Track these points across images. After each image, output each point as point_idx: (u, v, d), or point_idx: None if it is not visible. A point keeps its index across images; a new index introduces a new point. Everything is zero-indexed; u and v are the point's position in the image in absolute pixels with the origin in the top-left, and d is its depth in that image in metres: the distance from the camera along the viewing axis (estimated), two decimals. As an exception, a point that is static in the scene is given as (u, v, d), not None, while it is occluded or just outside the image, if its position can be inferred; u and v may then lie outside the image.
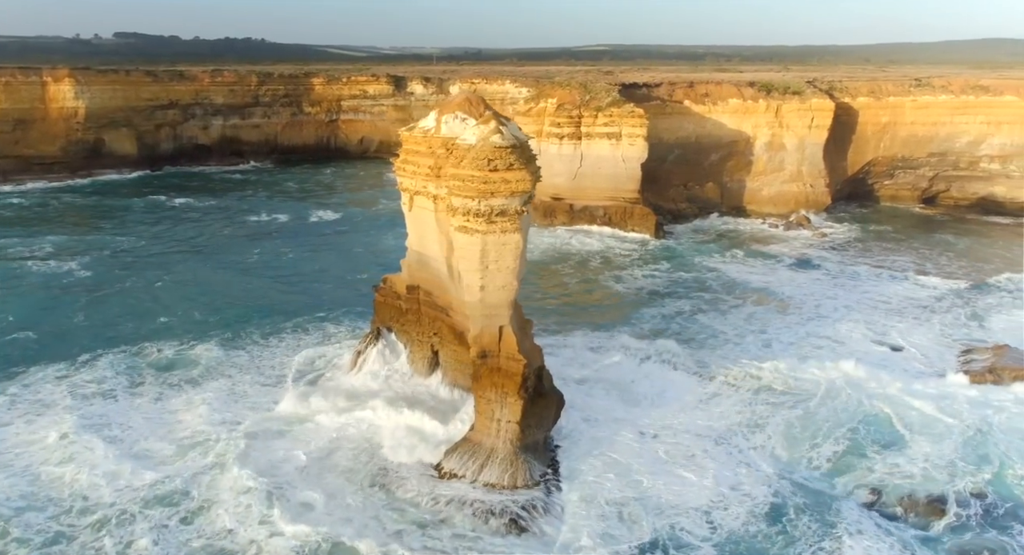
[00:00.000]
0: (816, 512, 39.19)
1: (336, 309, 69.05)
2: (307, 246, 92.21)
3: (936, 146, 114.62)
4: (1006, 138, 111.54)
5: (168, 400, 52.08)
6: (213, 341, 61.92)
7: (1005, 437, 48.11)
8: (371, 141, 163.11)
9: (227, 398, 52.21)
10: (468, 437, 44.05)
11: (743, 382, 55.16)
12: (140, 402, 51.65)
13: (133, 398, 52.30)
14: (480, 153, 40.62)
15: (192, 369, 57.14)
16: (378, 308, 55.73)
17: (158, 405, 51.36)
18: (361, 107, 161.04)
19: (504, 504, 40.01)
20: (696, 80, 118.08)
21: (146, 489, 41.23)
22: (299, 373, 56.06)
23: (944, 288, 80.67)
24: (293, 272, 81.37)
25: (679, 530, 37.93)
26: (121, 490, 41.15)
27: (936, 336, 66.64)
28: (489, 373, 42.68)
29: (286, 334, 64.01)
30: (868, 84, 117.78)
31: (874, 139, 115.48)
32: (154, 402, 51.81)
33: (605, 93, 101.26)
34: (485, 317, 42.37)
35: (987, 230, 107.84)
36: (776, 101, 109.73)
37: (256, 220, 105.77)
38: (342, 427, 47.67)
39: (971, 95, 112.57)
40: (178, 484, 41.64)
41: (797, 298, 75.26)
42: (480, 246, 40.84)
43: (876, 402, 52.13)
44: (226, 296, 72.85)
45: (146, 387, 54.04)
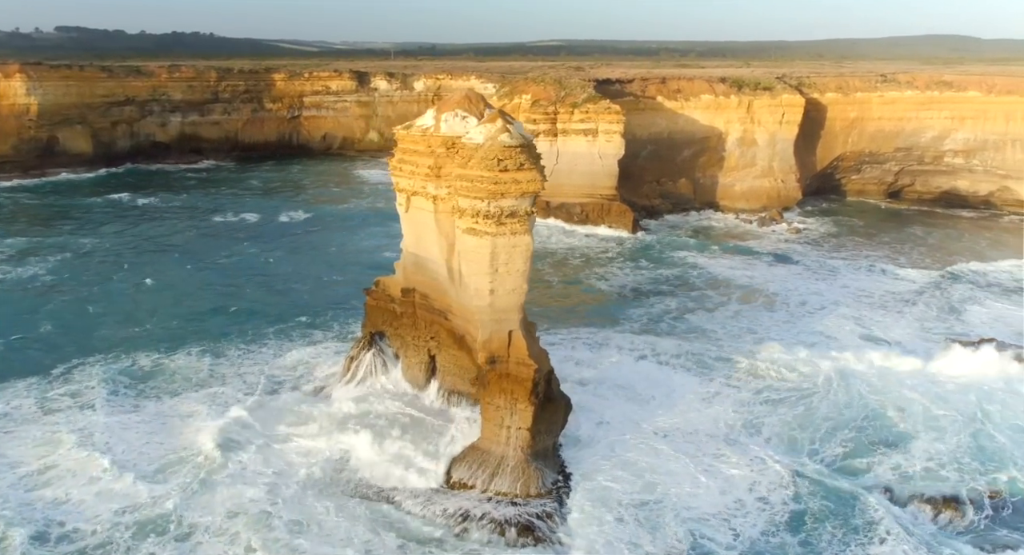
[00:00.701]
0: (837, 519, 38.59)
1: (320, 312, 67.12)
2: (280, 247, 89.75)
3: (902, 141, 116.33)
4: (969, 133, 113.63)
5: (148, 413, 49.42)
6: (193, 349, 59.50)
7: (1005, 427, 48.54)
8: (334, 138, 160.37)
9: (209, 411, 49.58)
10: (476, 445, 42.77)
11: (742, 381, 54.83)
12: (119, 418, 48.61)
13: (112, 412, 49.40)
14: (489, 153, 39.31)
15: (172, 380, 54.55)
16: (370, 312, 54.03)
17: (138, 419, 48.60)
18: (324, 103, 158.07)
19: (518, 514, 38.87)
20: (668, 76, 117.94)
21: (129, 513, 38.81)
22: (275, 383, 53.93)
23: (920, 281, 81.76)
24: (270, 274, 78.97)
25: (700, 537, 37.20)
26: (100, 516, 38.67)
27: (918, 331, 67.29)
28: (498, 379, 41.42)
29: (269, 339, 61.93)
30: (836, 80, 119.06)
31: (842, 134, 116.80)
32: (134, 415, 49.09)
33: (580, 89, 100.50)
34: (494, 322, 41.11)
35: (952, 223, 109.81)
36: (747, 97, 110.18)
37: (224, 220, 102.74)
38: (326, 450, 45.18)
39: (936, 91, 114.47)
40: (164, 508, 39.04)
41: (782, 294, 75.38)
42: (489, 249, 39.56)
43: (876, 396, 52.37)
44: (202, 301, 70.32)
45: (125, 400, 51.27)
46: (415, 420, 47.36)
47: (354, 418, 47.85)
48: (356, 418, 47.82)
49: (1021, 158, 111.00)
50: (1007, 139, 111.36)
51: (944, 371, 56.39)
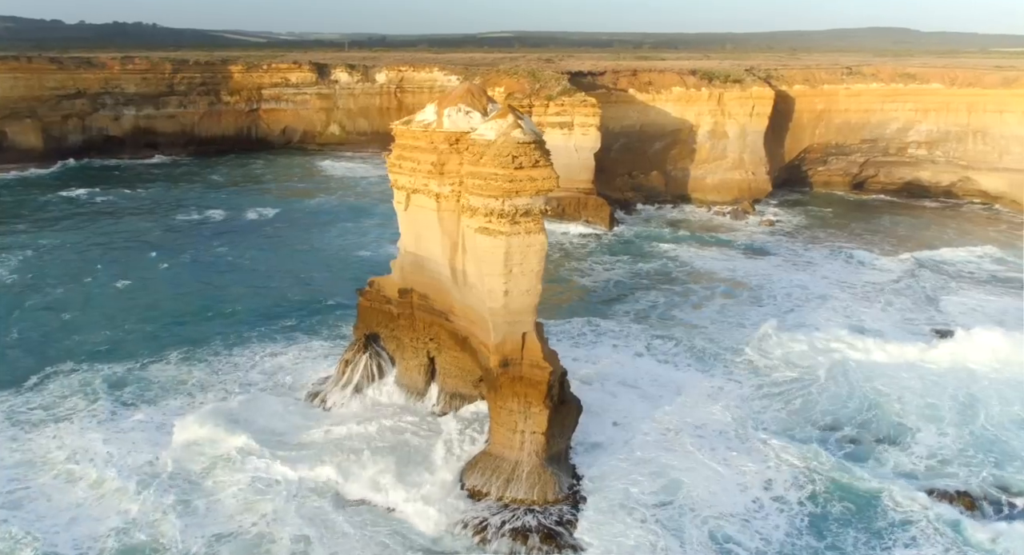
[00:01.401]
0: (859, 521, 38.31)
1: (304, 313, 65.25)
2: (253, 245, 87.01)
3: (868, 132, 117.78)
4: (932, 124, 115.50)
5: (129, 426, 46.92)
6: (174, 354, 57.23)
7: (1002, 418, 49.11)
8: (294, 131, 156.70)
9: (194, 423, 46.40)
10: (488, 451, 41.62)
11: (743, 375, 54.74)
12: (99, 433, 46.02)
13: (90, 426, 46.93)
14: (502, 149, 38.01)
15: (154, 388, 52.10)
16: (363, 313, 52.36)
17: (116, 432, 46.16)
18: (283, 96, 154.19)
19: (538, 520, 37.89)
20: (638, 68, 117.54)
21: (111, 539, 36.83)
22: (262, 391, 51.88)
23: (895, 270, 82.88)
24: (246, 274, 76.39)
25: (725, 541, 36.61)
26: (79, 541, 36.65)
27: (900, 321, 67.91)
28: (511, 382, 40.27)
29: (253, 342, 59.91)
30: (803, 72, 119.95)
31: (810, 126, 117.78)
32: (113, 428, 46.58)
33: (555, 82, 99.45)
34: (508, 324, 39.89)
35: (917, 213, 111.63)
36: (718, 89, 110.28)
37: (189, 218, 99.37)
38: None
39: (900, 83, 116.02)
40: (147, 535, 37.02)
41: (766, 287, 75.55)
42: (504, 248, 38.28)
43: (874, 388, 52.73)
44: (179, 303, 67.65)
45: (103, 412, 48.73)
46: (400, 444, 44.81)
47: (338, 442, 45.15)
48: (339, 442, 45.13)
49: (982, 149, 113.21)
50: (968, 131, 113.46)
51: (936, 362, 56.92)
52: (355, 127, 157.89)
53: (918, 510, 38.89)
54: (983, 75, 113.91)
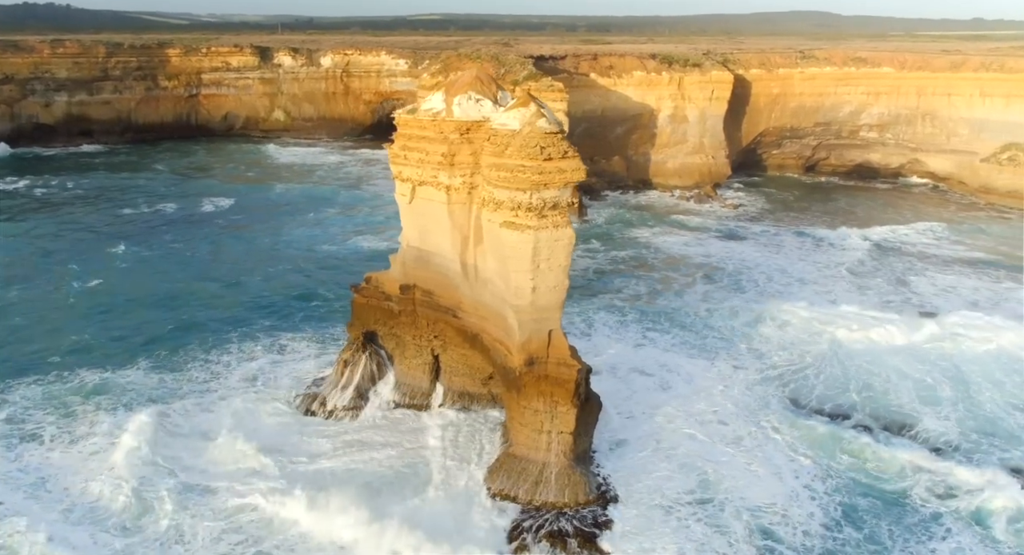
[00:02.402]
0: (888, 509, 38.28)
1: (284, 312, 62.54)
2: (211, 239, 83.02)
3: (822, 116, 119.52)
4: (884, 107, 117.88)
5: (104, 443, 43.43)
6: (146, 361, 53.63)
7: (997, 400, 49.92)
8: (236, 117, 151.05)
9: (176, 439, 43.99)
10: (511, 453, 40.21)
11: (748, 361, 54.70)
12: (70, 452, 42.76)
13: (62, 444, 43.57)
14: (529, 140, 36.38)
15: (128, 399, 48.33)
16: (359, 311, 50.13)
17: (89, 450, 42.75)
18: (224, 80, 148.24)
19: (573, 524, 36.75)
20: (598, 52, 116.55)
21: None
22: (252, 400, 48.50)
23: (860, 251, 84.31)
24: (210, 271, 72.60)
25: (767, 537, 36.00)
26: None
27: (880, 303, 68.48)
28: (535, 381, 38.85)
29: (232, 344, 56.80)
30: (758, 56, 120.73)
31: (766, 110, 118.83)
32: (88, 448, 43.14)
33: (520, 66, 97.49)
34: (535, 321, 38.40)
35: (871, 195, 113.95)
36: (678, 73, 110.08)
37: (138, 212, 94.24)
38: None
39: (852, 67, 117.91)
40: None
41: (745, 272, 75.71)
42: (532, 243, 36.72)
43: (875, 373, 53.23)
44: (146, 304, 63.86)
45: (75, 428, 45.17)
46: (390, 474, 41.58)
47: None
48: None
49: (931, 132, 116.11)
50: (918, 114, 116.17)
51: (923, 344, 57.64)
52: (300, 112, 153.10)
53: (944, 499, 39.01)
54: (931, 59, 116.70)
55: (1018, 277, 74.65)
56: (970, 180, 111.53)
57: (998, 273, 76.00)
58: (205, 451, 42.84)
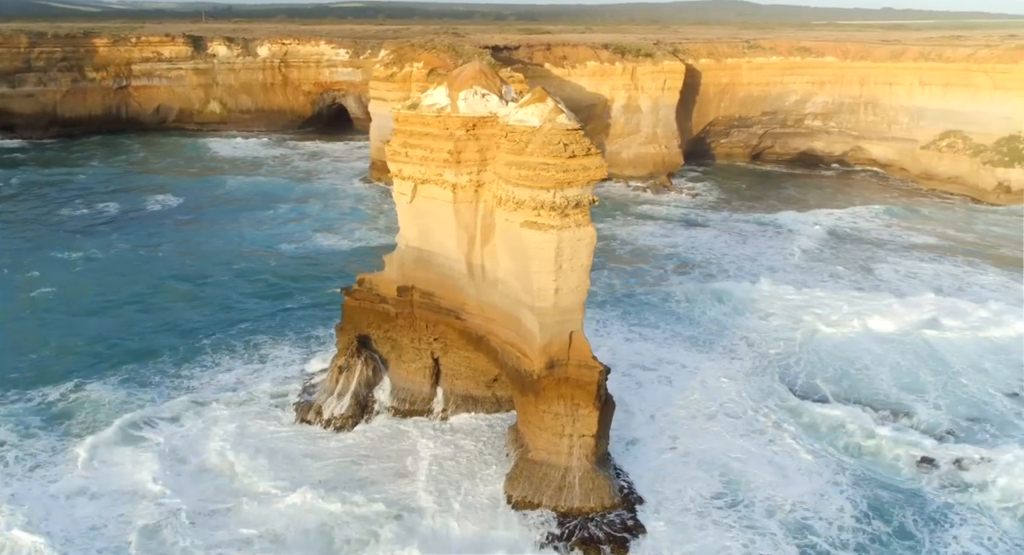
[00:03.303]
0: (909, 500, 38.68)
1: (259, 316, 59.93)
2: (165, 240, 78.84)
3: (768, 105, 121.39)
4: (828, 96, 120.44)
5: (74, 467, 40.53)
6: (114, 375, 50.55)
7: (982, 384, 51.13)
8: (169, 110, 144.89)
9: (155, 460, 41.12)
10: (531, 458, 39.11)
11: (739, 352, 54.97)
12: (28, 479, 39.55)
13: (27, 469, 40.50)
14: (551, 137, 35.22)
15: (97, 418, 45.32)
16: (351, 314, 48.23)
17: (53, 476, 39.81)
18: (156, 71, 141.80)
19: (604, 529, 35.99)
20: (551, 42, 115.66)
21: None
22: (236, 413, 45.74)
23: (818, 238, 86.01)
24: (172, 275, 68.79)
25: (803, 532, 35.88)
26: None
27: (853, 290, 69.46)
28: (556, 384, 37.86)
29: (206, 354, 54.12)
30: (706, 46, 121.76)
31: (715, 99, 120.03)
32: (47, 472, 40.10)
33: (478, 57, 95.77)
34: (558, 323, 37.33)
35: (818, 181, 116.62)
36: (631, 64, 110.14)
37: (77, 213, 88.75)
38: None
39: (798, 56, 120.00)
40: None
41: (715, 262, 76.28)
42: (555, 244, 35.63)
43: (865, 363, 54.02)
44: (107, 313, 60.26)
45: (40, 451, 42.10)
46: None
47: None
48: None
49: (872, 120, 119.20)
50: (861, 102, 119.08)
51: (905, 330, 58.74)
52: (237, 104, 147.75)
53: (955, 487, 39.70)
54: (873, 49, 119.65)
55: (974, 261, 77.17)
56: (911, 167, 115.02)
57: (955, 258, 78.37)
58: (190, 474, 40.24)
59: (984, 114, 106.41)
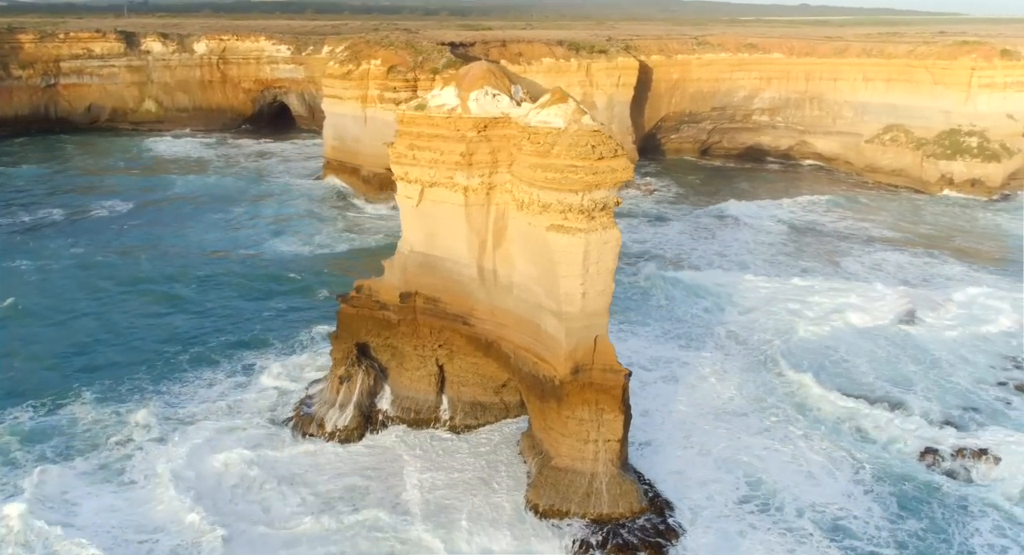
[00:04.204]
0: (931, 496, 39.04)
1: (239, 325, 57.50)
2: (121, 249, 74.89)
3: (718, 101, 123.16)
4: (775, 92, 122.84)
5: (51, 497, 37.78)
6: (87, 393, 47.65)
7: (968, 375, 52.54)
8: (102, 109, 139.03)
9: (147, 486, 38.94)
10: (555, 465, 38.31)
11: (730, 347, 55.39)
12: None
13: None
14: (578, 139, 34.50)
15: (69, 439, 42.77)
16: (349, 322, 46.55)
17: (41, 511, 36.67)
18: (86, 69, 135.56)
19: (637, 536, 35.55)
20: (506, 38, 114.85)
21: None
22: (227, 437, 42.97)
23: (780, 232, 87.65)
24: (139, 284, 65.38)
25: (838, 533, 35.98)
26: None
27: (826, 285, 70.24)
28: (580, 390, 37.19)
29: (185, 369, 51.54)
30: (657, 42, 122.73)
31: (666, 95, 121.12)
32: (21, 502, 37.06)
33: (438, 54, 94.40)
34: (585, 328, 36.65)
35: (768, 175, 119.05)
36: (586, 60, 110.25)
37: (16, 221, 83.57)
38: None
39: (745, 53, 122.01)
40: None
41: (685, 258, 76.93)
42: (583, 247, 34.97)
43: (853, 355, 55.00)
44: (72, 327, 56.97)
45: (9, 478, 39.31)
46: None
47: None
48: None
49: (818, 115, 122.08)
50: (806, 98, 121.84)
51: (886, 323, 60.01)
52: (174, 103, 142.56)
53: (969, 480, 40.53)
54: (817, 45, 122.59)
55: (933, 253, 79.59)
56: (856, 160, 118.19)
57: (915, 250, 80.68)
58: (191, 501, 37.44)
59: (925, 108, 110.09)
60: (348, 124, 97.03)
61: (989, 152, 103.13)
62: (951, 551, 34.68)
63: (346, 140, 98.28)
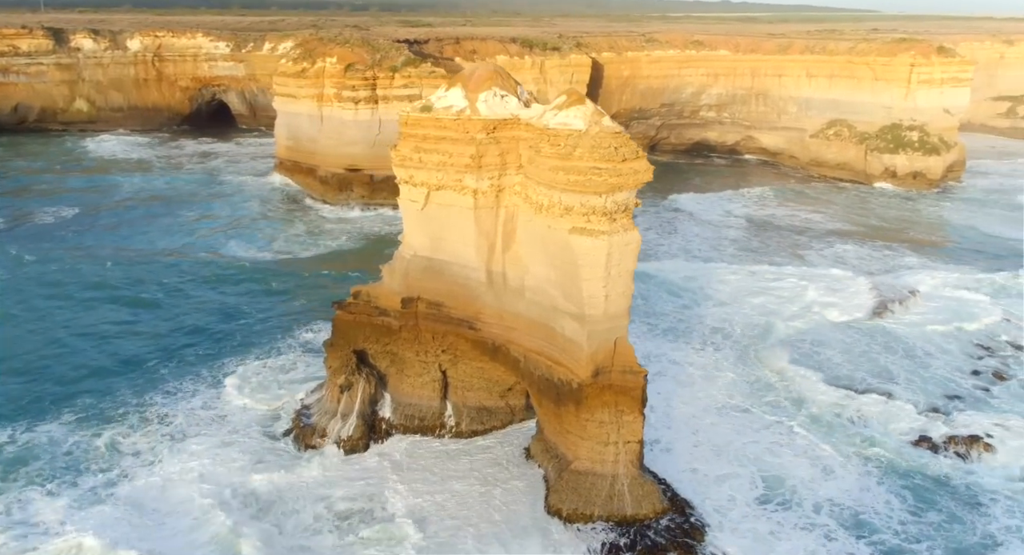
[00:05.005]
0: (942, 487, 39.98)
1: (214, 336, 55.33)
2: (77, 253, 71.45)
3: (667, 97, 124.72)
4: (722, 88, 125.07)
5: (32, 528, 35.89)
6: (67, 413, 45.22)
7: (944, 365, 54.34)
8: (30, 109, 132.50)
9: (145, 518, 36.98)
10: (575, 469, 38.08)
11: (719, 342, 56.05)
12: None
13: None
14: (600, 140, 34.31)
15: (52, 461, 40.58)
16: (345, 329, 45.36)
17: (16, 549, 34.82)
18: (12, 67, 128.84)
19: (664, 536, 35.62)
20: (460, 35, 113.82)
21: None
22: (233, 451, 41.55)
23: (737, 228, 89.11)
24: (101, 292, 62.40)
25: (863, 528, 36.55)
26: None
27: (794, 278, 71.21)
28: (599, 392, 37.04)
29: (167, 380, 49.50)
30: (607, 39, 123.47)
31: (617, 92, 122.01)
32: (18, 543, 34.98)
33: (396, 52, 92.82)
34: (607, 330, 36.50)
35: (718, 169, 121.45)
36: (539, 57, 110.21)
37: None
38: None
39: (693, 50, 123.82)
40: None
41: (651, 252, 76.88)
42: (606, 249, 34.77)
43: (833, 348, 56.10)
44: (41, 341, 53.89)
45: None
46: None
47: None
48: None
49: (763, 110, 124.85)
50: (752, 94, 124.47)
51: (858, 317, 61.55)
52: (107, 102, 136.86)
53: (970, 469, 41.79)
54: (762, 42, 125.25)
55: (890, 245, 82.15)
56: (801, 154, 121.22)
57: (873, 243, 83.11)
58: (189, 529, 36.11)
59: (867, 104, 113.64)
60: (303, 123, 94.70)
61: (929, 146, 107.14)
62: (974, 539, 35.69)
63: (301, 140, 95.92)
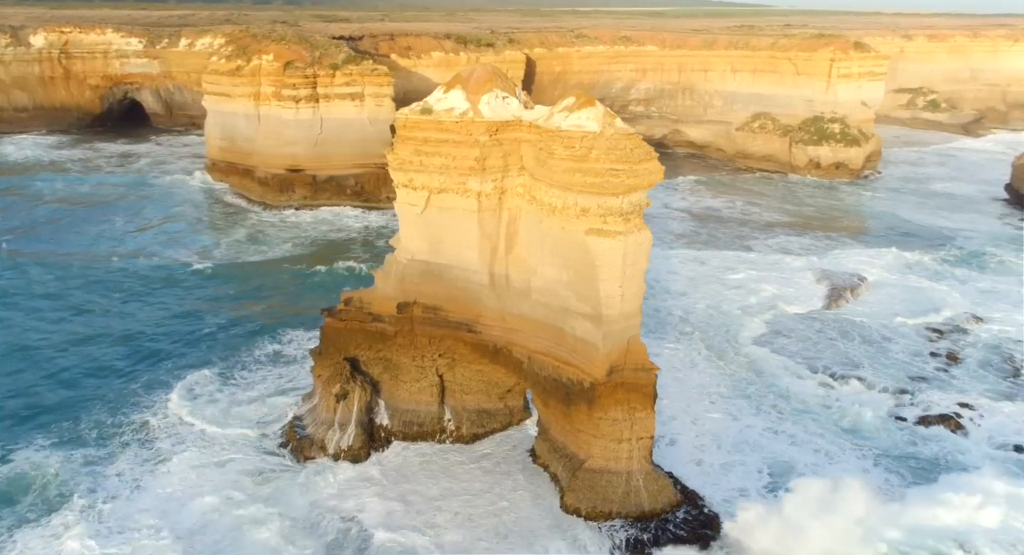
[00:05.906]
0: (935, 467, 41.71)
1: (177, 349, 53.10)
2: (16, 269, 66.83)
3: (597, 92, 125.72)
4: (650, 83, 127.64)
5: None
6: (40, 437, 42.80)
7: (902, 349, 57.13)
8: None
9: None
10: (589, 468, 38.29)
11: (690, 336, 57.20)
12: None
13: None
14: (616, 142, 34.51)
15: (31, 489, 38.54)
16: (336, 336, 44.32)
17: None
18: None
19: (682, 528, 36.32)
20: (394, 31, 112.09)
21: None
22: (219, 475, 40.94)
23: (682, 219, 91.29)
24: (48, 306, 58.95)
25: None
26: None
27: (750, 270, 73.25)
28: (612, 391, 37.35)
29: (139, 396, 47.35)
30: (537, 35, 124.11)
31: (550, 88, 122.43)
32: None
33: (336, 49, 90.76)
34: (622, 330, 36.72)
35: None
36: (474, 54, 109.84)
37: None
38: None
39: (622, 45, 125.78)
40: None
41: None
42: (622, 250, 35.03)
43: (804, 339, 58.00)
44: (8, 367, 50.53)
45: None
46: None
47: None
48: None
49: (690, 104, 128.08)
50: (679, 88, 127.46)
51: (816, 307, 63.98)
52: (11, 102, 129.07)
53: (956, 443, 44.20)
54: (688, 38, 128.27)
55: (830, 235, 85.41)
56: (727, 147, 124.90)
57: (814, 233, 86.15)
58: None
59: (789, 97, 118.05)
60: (239, 123, 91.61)
61: (850, 137, 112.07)
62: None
63: (237, 140, 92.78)
